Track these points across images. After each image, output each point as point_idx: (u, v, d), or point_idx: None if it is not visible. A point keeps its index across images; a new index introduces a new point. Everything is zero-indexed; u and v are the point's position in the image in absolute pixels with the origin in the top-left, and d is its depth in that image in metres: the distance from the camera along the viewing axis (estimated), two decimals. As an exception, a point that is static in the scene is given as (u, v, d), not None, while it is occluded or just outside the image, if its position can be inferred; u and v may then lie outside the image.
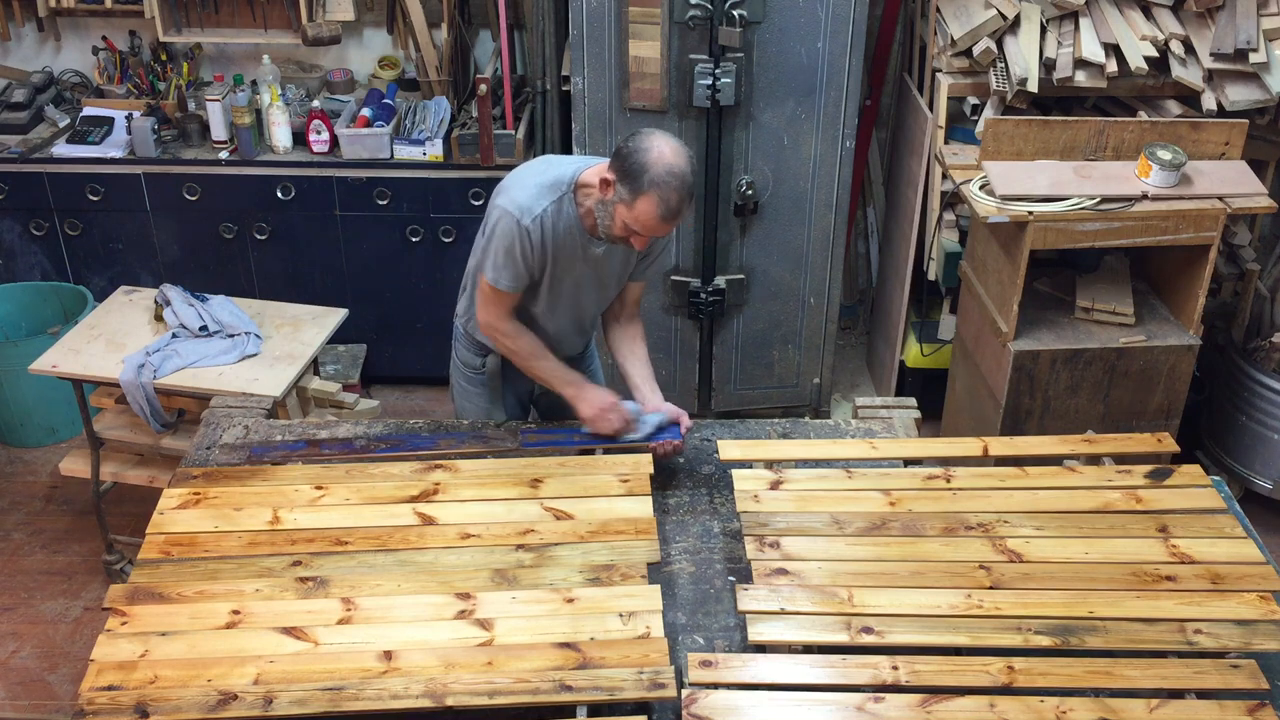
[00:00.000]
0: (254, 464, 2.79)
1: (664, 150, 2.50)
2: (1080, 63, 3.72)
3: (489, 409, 3.04)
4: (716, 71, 3.64)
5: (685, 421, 2.84)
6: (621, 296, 2.95)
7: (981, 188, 3.48)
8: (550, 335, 2.90)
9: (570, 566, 2.41)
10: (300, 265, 4.50)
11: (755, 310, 4.16)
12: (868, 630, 2.24)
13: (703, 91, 3.68)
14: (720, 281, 4.05)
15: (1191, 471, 2.69)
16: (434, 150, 4.27)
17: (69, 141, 4.41)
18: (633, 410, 2.81)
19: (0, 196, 4.41)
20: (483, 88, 4.17)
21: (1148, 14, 3.85)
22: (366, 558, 2.45)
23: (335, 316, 3.77)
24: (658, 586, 2.35)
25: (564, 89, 4.20)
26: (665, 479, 2.79)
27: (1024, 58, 3.69)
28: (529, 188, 2.66)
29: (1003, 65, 3.76)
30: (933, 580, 2.36)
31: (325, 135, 4.30)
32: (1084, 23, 3.78)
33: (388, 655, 2.18)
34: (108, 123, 4.47)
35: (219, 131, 4.34)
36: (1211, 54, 3.71)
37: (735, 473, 2.68)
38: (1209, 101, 3.72)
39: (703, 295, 4.05)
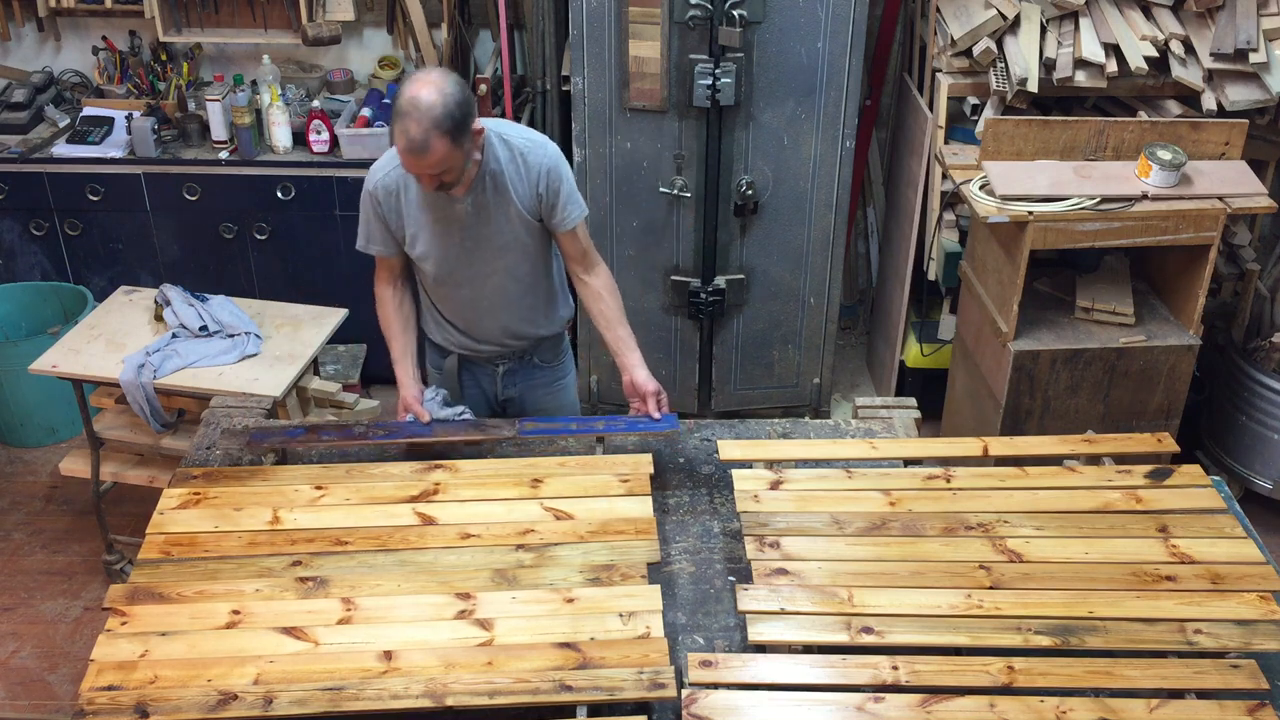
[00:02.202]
0: (254, 448, 2.80)
1: (415, 82, 2.46)
2: (1080, 63, 3.72)
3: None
4: (716, 71, 3.64)
5: (653, 408, 2.79)
6: (565, 254, 2.87)
7: (981, 188, 3.48)
8: (480, 315, 2.87)
9: (570, 566, 2.41)
10: (300, 265, 4.50)
11: (755, 310, 4.16)
12: (868, 630, 2.24)
13: (703, 91, 3.68)
14: (720, 281, 4.05)
15: (1191, 471, 2.69)
16: (434, 150, 4.27)
17: (69, 141, 4.41)
18: (432, 409, 2.83)
19: (0, 196, 4.41)
20: (483, 88, 4.18)
21: (1148, 14, 3.85)
22: (366, 558, 2.45)
23: (335, 316, 3.77)
24: (658, 586, 2.35)
25: (564, 89, 4.21)
26: (665, 479, 2.79)
27: (1024, 58, 3.69)
28: (381, 159, 2.72)
29: (1003, 65, 3.76)
30: (933, 580, 2.36)
31: (325, 135, 4.30)
32: (1084, 23, 3.78)
33: (388, 655, 2.18)
34: (108, 123, 4.47)
35: (219, 131, 4.34)
36: (1211, 54, 3.71)
37: (735, 473, 2.68)
38: (1209, 101, 3.72)
39: (703, 295, 4.05)
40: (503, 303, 2.87)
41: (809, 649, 2.23)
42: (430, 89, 2.44)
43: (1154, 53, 3.71)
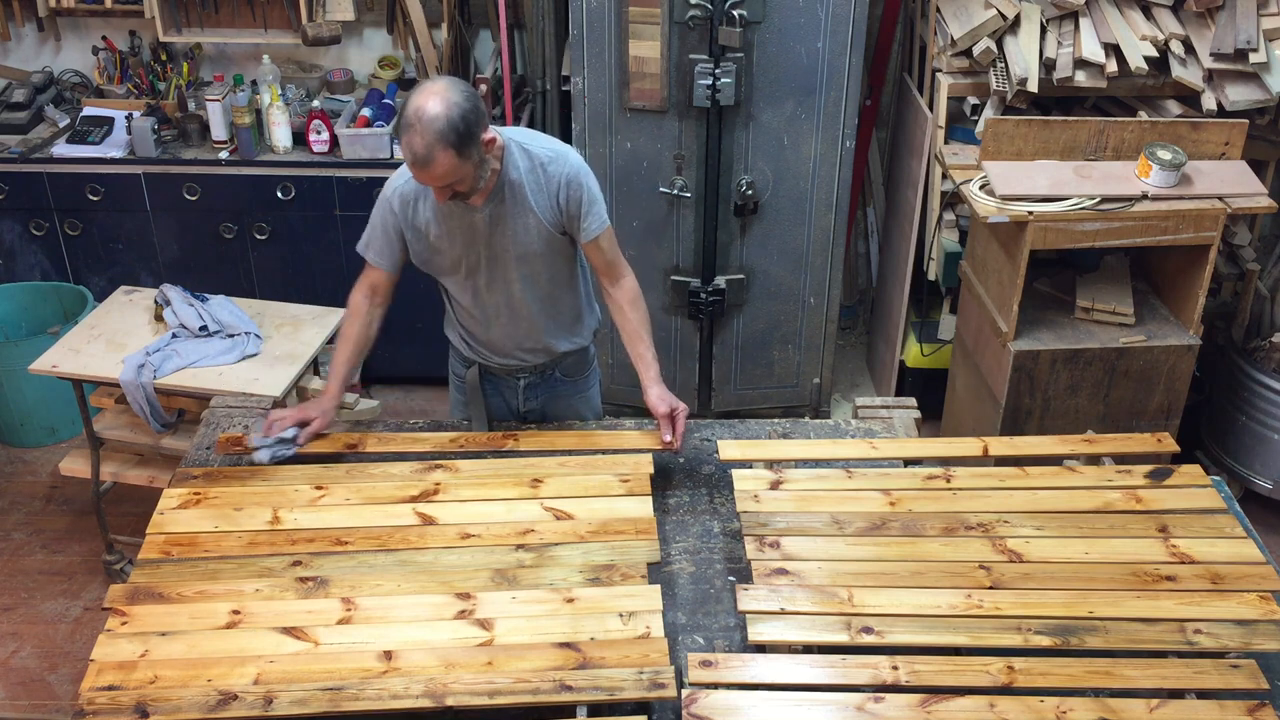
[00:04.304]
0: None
1: (420, 93, 2.42)
2: (1080, 63, 3.72)
3: (470, 416, 3.00)
4: (716, 71, 3.64)
5: (665, 430, 2.75)
6: (591, 264, 2.84)
7: (981, 188, 3.48)
8: (501, 327, 2.82)
9: (570, 566, 2.41)
10: (300, 265, 4.50)
11: (755, 310, 4.16)
12: (868, 630, 2.24)
13: (703, 91, 3.68)
14: (720, 281, 4.05)
15: (1191, 471, 2.69)
16: (434, 150, 4.27)
17: (69, 141, 4.41)
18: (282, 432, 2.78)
19: (0, 196, 4.41)
20: (483, 88, 4.18)
21: (1148, 14, 3.85)
22: (366, 558, 2.45)
23: (335, 316, 3.77)
24: (658, 586, 2.35)
25: (564, 89, 4.20)
26: (665, 479, 2.79)
27: (1024, 58, 3.69)
28: (400, 169, 2.68)
29: (1003, 65, 3.76)
30: (933, 580, 2.36)
31: (325, 135, 4.30)
32: (1084, 23, 3.78)
33: (388, 655, 2.18)
34: (108, 123, 4.47)
35: (219, 131, 4.34)
36: (1211, 54, 3.71)
37: (735, 473, 2.68)
38: (1209, 101, 3.72)
39: (703, 295, 4.05)
40: (521, 314, 2.80)
41: (809, 649, 2.23)
42: (435, 100, 2.39)
43: (1154, 53, 3.71)
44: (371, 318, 2.88)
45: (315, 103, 4.40)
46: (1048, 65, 3.72)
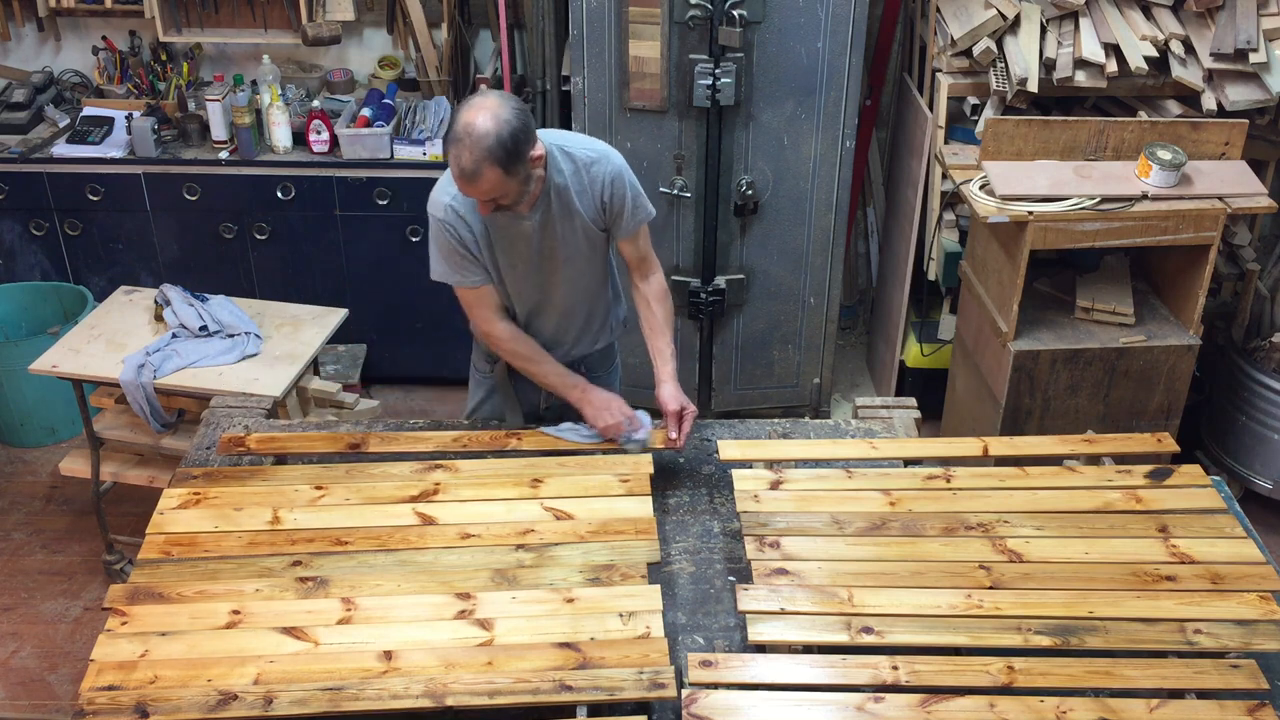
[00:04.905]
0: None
1: (469, 108, 2.41)
2: (1080, 63, 3.72)
3: (501, 411, 3.00)
4: (716, 71, 3.64)
5: (672, 427, 2.75)
6: (625, 259, 2.84)
7: (981, 188, 3.48)
8: (539, 327, 2.83)
9: (570, 566, 2.41)
10: (300, 265, 4.50)
11: (755, 310, 4.16)
12: (868, 630, 2.24)
13: (703, 91, 3.68)
14: (720, 281, 4.05)
15: (1191, 471, 2.69)
16: (434, 150, 4.27)
17: (69, 141, 4.41)
18: (640, 416, 2.79)
19: (0, 196, 4.41)
20: (483, 88, 4.18)
21: (1148, 14, 3.85)
22: (366, 558, 2.45)
23: (335, 316, 3.77)
24: (658, 586, 2.35)
25: (564, 89, 4.20)
26: (665, 479, 2.79)
27: (1024, 58, 3.69)
28: (443, 180, 2.64)
29: (1003, 65, 3.76)
30: (933, 580, 2.36)
31: (325, 135, 4.30)
32: (1084, 23, 3.78)
33: (388, 655, 2.18)
34: (108, 123, 4.47)
35: (219, 131, 4.34)
36: (1211, 54, 3.71)
37: (735, 473, 2.68)
38: (1209, 101, 3.72)
39: (703, 295, 4.05)
40: (560, 313, 2.82)
41: (809, 649, 2.23)
42: (486, 115, 2.38)
43: (1154, 53, 3.71)
44: (517, 331, 2.80)
45: (315, 103, 4.40)
46: (1048, 65, 3.72)
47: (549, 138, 2.63)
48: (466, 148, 2.38)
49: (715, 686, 2.14)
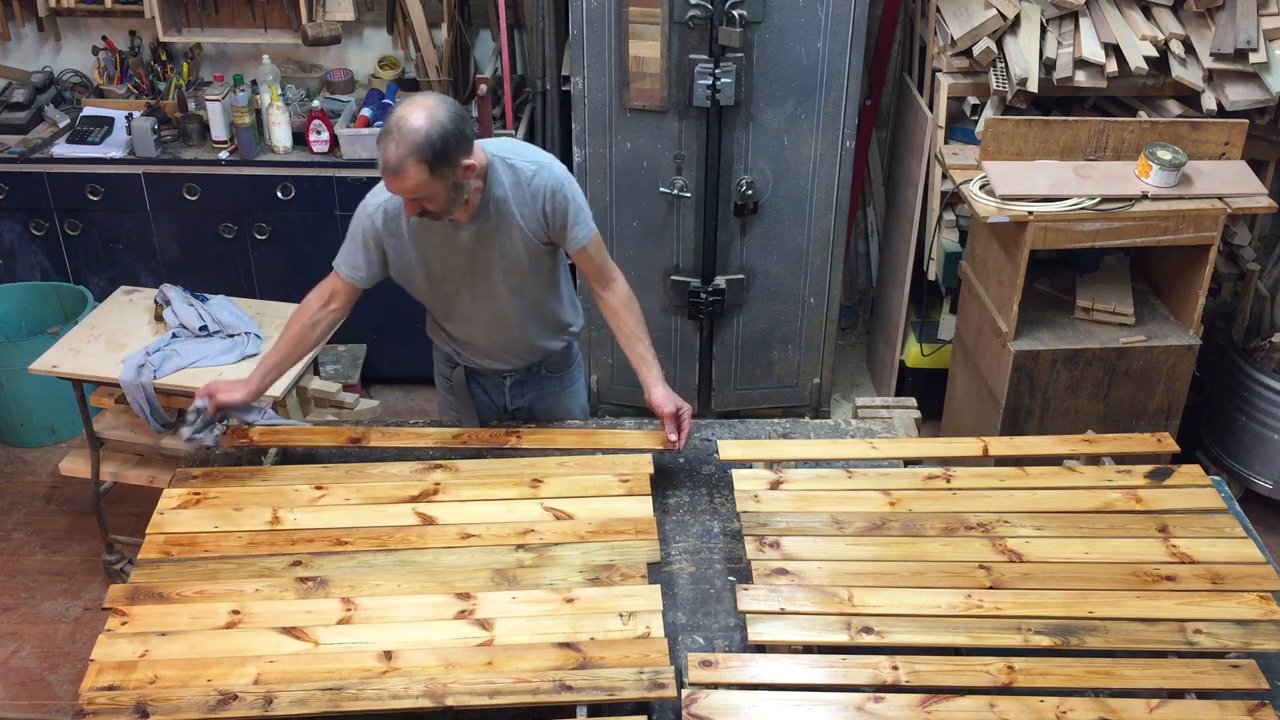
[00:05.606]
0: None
1: (407, 104, 2.39)
2: (1080, 63, 3.72)
3: (460, 415, 3.00)
4: (716, 71, 3.64)
5: (670, 429, 2.74)
6: (581, 271, 2.81)
7: (981, 188, 3.48)
8: (471, 336, 2.81)
9: (570, 566, 2.41)
10: (300, 265, 4.50)
11: (755, 310, 4.16)
12: (868, 630, 2.24)
13: (703, 91, 3.68)
14: (720, 281, 4.05)
15: (1191, 471, 2.69)
16: (434, 150, 4.27)
17: (69, 141, 4.41)
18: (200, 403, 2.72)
19: (0, 196, 4.41)
20: (483, 88, 4.18)
21: (1148, 14, 3.85)
22: (366, 558, 2.45)
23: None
24: (658, 586, 2.35)
25: (564, 89, 4.20)
26: (665, 479, 2.79)
27: (1024, 58, 3.69)
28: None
29: (1003, 65, 3.76)
30: (933, 580, 2.36)
31: (325, 135, 4.30)
32: (1084, 23, 3.78)
33: (388, 655, 2.18)
34: (108, 123, 4.47)
35: (219, 131, 4.34)
36: (1211, 54, 3.71)
37: (735, 473, 2.68)
38: (1209, 101, 3.72)
39: (703, 295, 4.05)
40: (508, 323, 2.80)
41: (809, 649, 2.23)
42: (421, 113, 2.37)
43: (1154, 53, 3.71)
44: (318, 320, 2.80)
45: (315, 103, 4.40)
46: (1048, 65, 3.72)
47: (492, 148, 2.62)
48: (394, 141, 2.36)
49: (715, 686, 2.14)
